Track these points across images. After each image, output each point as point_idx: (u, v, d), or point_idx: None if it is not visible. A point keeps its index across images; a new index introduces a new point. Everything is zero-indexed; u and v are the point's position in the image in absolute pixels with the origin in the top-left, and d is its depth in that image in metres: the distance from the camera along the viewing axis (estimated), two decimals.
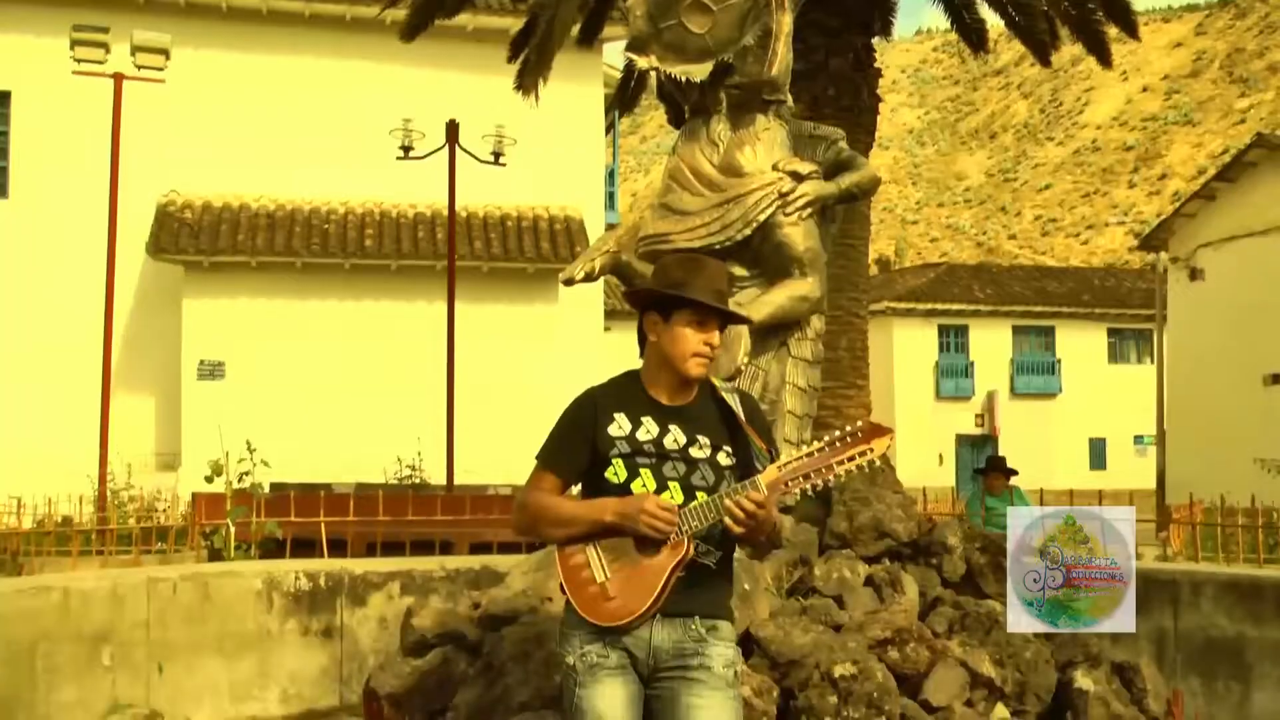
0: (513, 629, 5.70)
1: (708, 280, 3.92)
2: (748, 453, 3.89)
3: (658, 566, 3.72)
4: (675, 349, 3.88)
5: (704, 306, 3.88)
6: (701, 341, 3.87)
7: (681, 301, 3.88)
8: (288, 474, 14.11)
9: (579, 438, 3.91)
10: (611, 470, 3.85)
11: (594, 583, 3.78)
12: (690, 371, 3.89)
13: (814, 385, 6.39)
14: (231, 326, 22.93)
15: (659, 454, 3.85)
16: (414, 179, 22.08)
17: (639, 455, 3.85)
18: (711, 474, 3.86)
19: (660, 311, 3.92)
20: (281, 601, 7.78)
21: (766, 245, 6.19)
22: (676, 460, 3.85)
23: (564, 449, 3.94)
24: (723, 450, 3.90)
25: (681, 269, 3.97)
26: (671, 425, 3.89)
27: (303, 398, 22.73)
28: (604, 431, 3.88)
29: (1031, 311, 46.22)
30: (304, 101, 24.04)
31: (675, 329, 3.88)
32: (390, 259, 23.49)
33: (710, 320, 3.89)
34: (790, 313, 6.20)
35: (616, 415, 3.90)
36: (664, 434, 3.88)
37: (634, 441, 3.86)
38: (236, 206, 23.79)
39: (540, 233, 24.45)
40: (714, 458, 3.88)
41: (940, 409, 44.69)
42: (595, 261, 6.42)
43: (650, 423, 3.89)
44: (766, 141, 6.35)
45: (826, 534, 6.34)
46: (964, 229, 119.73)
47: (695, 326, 3.87)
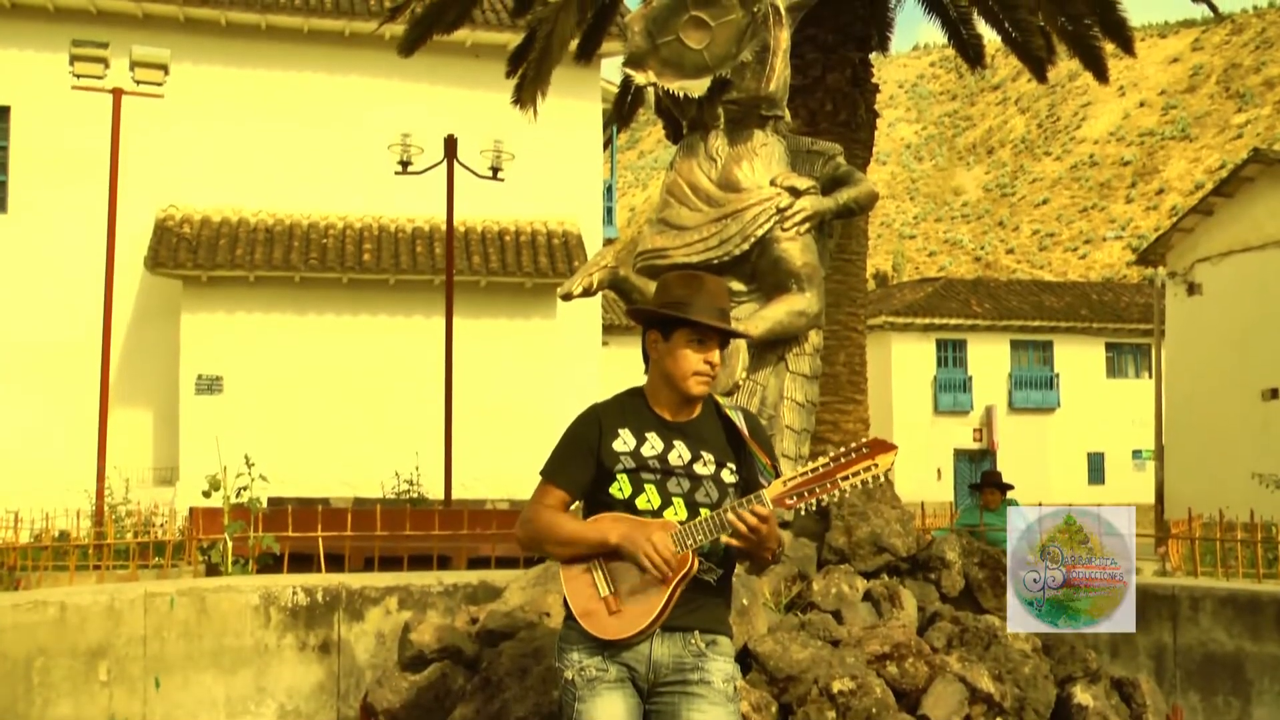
0: (511, 644, 5.69)
1: (709, 298, 3.93)
2: (751, 469, 3.91)
3: (661, 582, 3.73)
4: (676, 368, 3.90)
5: (704, 325, 3.89)
6: (702, 360, 3.88)
7: (682, 321, 3.89)
8: (285, 489, 14.11)
9: (583, 453, 3.92)
10: (616, 486, 3.86)
11: (597, 598, 3.80)
12: (691, 390, 3.91)
13: (812, 400, 6.39)
14: (230, 341, 22.93)
15: (663, 470, 3.87)
16: (412, 194, 22.11)
17: (643, 470, 3.87)
18: (715, 490, 3.88)
19: (661, 330, 3.94)
20: (279, 616, 7.76)
21: (764, 260, 6.19)
22: (681, 476, 3.87)
23: (569, 464, 3.95)
24: (726, 467, 3.92)
25: (683, 287, 3.97)
26: (676, 441, 3.91)
27: (301, 412, 22.73)
28: (609, 447, 3.89)
29: (1029, 326, 46.20)
30: (303, 116, 24.08)
31: (676, 348, 3.90)
32: (388, 274, 23.49)
33: (710, 339, 3.90)
34: (788, 328, 6.20)
35: (621, 431, 3.92)
36: (668, 450, 3.90)
37: (638, 457, 3.88)
38: (235, 221, 23.80)
39: (538, 247, 24.46)
40: (718, 474, 3.90)
41: (938, 423, 44.67)
42: (593, 276, 6.41)
43: (655, 439, 3.91)
44: (764, 157, 6.35)
45: (825, 549, 6.34)
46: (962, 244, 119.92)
47: (695, 345, 3.89)
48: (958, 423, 45.14)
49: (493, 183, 20.57)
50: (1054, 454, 44.12)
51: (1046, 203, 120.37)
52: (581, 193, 25.44)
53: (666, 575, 3.69)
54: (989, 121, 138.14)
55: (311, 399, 22.86)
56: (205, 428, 21.44)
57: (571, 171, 25.11)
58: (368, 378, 23.11)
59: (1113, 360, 47.22)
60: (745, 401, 6.02)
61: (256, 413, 22.27)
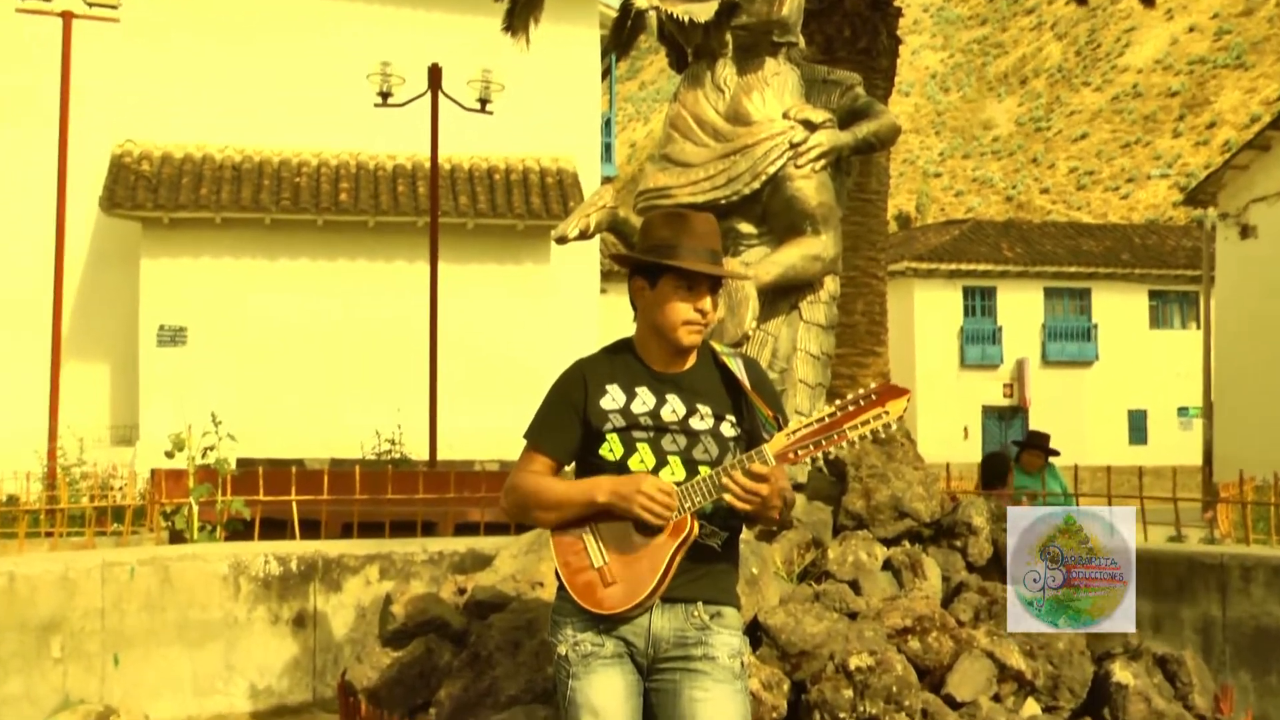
0: (501, 616, 5.70)
1: (697, 240, 3.87)
2: (754, 422, 3.87)
3: (659, 549, 3.71)
4: (664, 318, 3.85)
5: (689, 272, 3.83)
6: (692, 309, 3.84)
7: (667, 266, 3.84)
8: (256, 449, 14.13)
9: (568, 413, 3.89)
10: (606, 446, 3.83)
11: (590, 567, 3.77)
12: (682, 341, 3.86)
13: (827, 352, 6.39)
14: (194, 288, 22.92)
15: (657, 427, 3.84)
16: (393, 128, 22.03)
17: (635, 429, 3.83)
18: (715, 446, 3.84)
19: (646, 277, 3.90)
20: (249, 587, 7.79)
21: (776, 200, 6.17)
22: (676, 433, 3.83)
23: (553, 426, 3.92)
24: (726, 420, 3.89)
25: (667, 228, 3.91)
26: (669, 395, 3.88)
27: (272, 366, 22.75)
28: (595, 405, 3.86)
29: (1065, 272, 46.14)
30: (274, 43, 23.97)
31: (663, 296, 3.85)
32: (367, 215, 23.47)
33: (701, 284, 3.85)
34: (802, 273, 6.19)
35: (609, 387, 3.88)
36: (661, 405, 3.86)
37: (629, 414, 3.84)
38: (199, 158, 23.74)
39: (530, 186, 24.42)
40: (717, 429, 3.87)
41: (965, 378, 44.70)
42: (590, 218, 6.40)
43: (646, 393, 3.88)
44: (776, 87, 6.33)
45: (841, 513, 6.34)
46: (992, 182, 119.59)
47: (684, 292, 3.84)
48: (986, 377, 45.17)
49: (481, 116, 20.51)
50: (1091, 412, 44.16)
51: (1085, 137, 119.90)
52: (577, 127, 25.39)
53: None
54: (1022, 48, 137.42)
55: (284, 351, 22.88)
56: (167, 383, 21.49)
57: (566, 104, 25.05)
58: (345, 328, 23.13)
59: (1156, 309, 47.19)
60: (755, 353, 6.01)
61: (224, 366, 22.30)
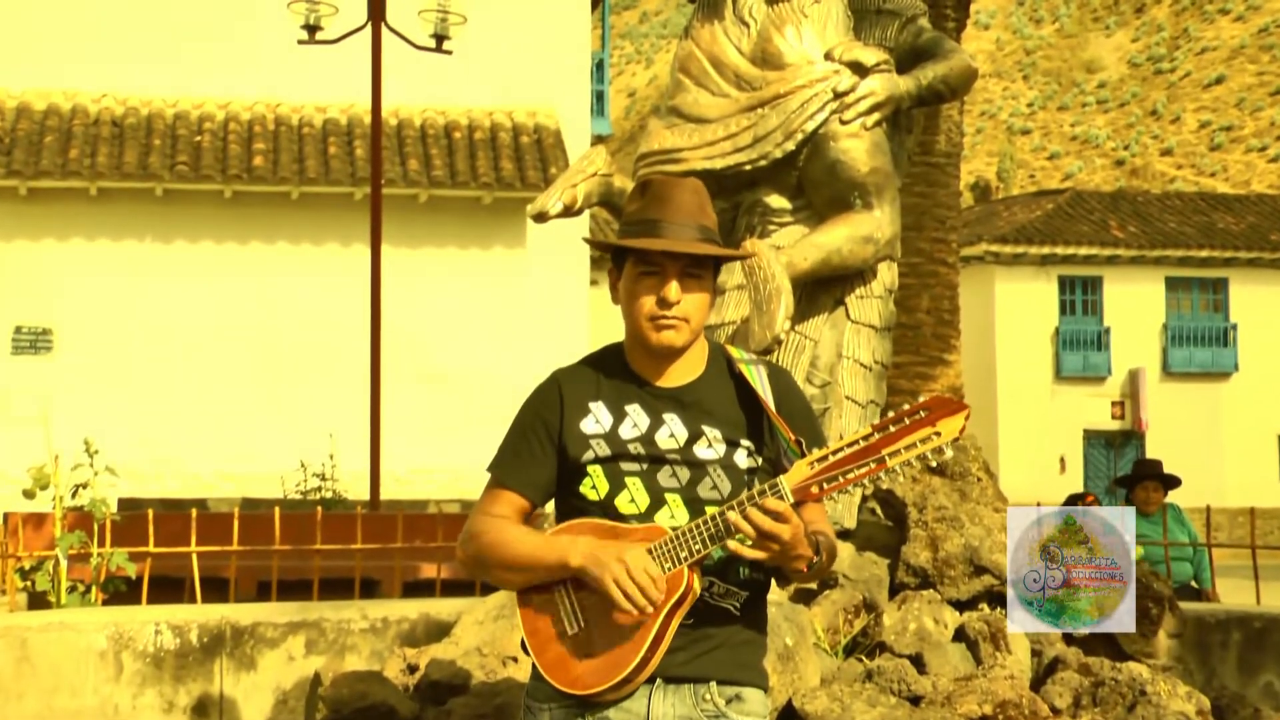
0: (462, 701, 5.74)
1: (675, 211, 3.79)
2: (780, 450, 3.79)
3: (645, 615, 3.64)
4: (628, 313, 3.81)
5: (645, 252, 3.75)
6: (654, 299, 3.76)
7: (629, 249, 3.80)
8: (144, 487, 14.18)
9: (541, 439, 3.86)
10: (588, 482, 3.80)
11: (564, 635, 3.75)
12: (650, 341, 3.79)
13: (882, 361, 6.41)
14: (62, 279, 22.91)
15: (651, 456, 3.78)
16: (322, 73, 22.08)
17: (623, 459, 3.78)
18: (727, 481, 3.78)
19: (616, 261, 3.86)
20: (135, 666, 7.80)
21: (816, 165, 6.20)
22: (676, 464, 3.79)
23: (521, 458, 3.88)
24: (742, 447, 3.83)
25: (638, 198, 3.87)
26: (667, 415, 3.82)
27: (165, 380, 22.74)
28: (574, 429, 3.82)
29: (1194, 257, 46.09)
30: None
31: (626, 285, 3.81)
32: (290, 185, 23.48)
33: (669, 267, 3.75)
34: (849, 259, 6.21)
35: (592, 405, 3.85)
36: (657, 428, 3.81)
37: (615, 440, 3.80)
38: (67, 111, 23.75)
39: (501, 148, 24.43)
40: (729, 458, 3.81)
41: (1061, 394, 44.69)
42: (578, 189, 6.43)
43: (638, 413, 3.83)
44: (816, 20, 6.34)
45: (901, 568, 6.38)
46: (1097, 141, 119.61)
47: (649, 279, 3.76)
48: (1090, 393, 45.15)
49: (436, 56, 20.48)
50: (1230, 438, 44.13)
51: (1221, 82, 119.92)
52: (561, 71, 25.36)
53: (644, 611, 3.59)
54: None
55: (180, 361, 22.87)
56: (27, 399, 21.48)
57: (546, 41, 25.03)
58: (261, 331, 23.12)
59: None
60: (790, 363, 6.02)
61: (101, 380, 22.30)
